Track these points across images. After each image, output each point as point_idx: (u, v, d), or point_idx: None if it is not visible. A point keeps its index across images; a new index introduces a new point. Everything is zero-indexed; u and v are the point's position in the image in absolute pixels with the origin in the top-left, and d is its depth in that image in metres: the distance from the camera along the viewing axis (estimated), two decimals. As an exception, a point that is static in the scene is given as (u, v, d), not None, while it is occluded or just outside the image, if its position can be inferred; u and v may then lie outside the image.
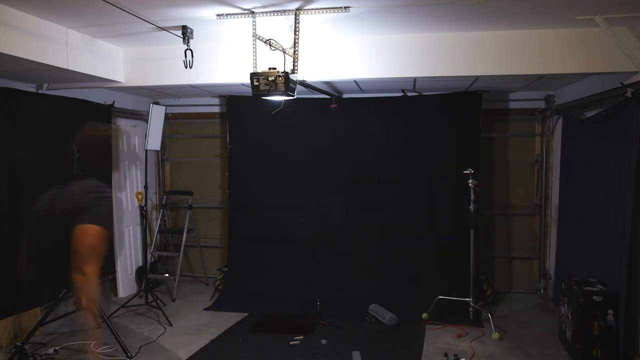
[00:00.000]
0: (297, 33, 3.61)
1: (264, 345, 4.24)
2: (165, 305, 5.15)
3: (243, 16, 3.51)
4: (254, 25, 3.59)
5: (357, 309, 5.00)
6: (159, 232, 6.21)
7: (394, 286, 5.31)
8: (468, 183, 4.65)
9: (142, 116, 6.10)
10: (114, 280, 5.65)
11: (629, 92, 3.57)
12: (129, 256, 5.79)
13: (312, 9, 3.38)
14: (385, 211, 5.52)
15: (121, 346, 4.02)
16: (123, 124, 5.79)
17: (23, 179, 4.31)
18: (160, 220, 6.19)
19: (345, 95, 5.92)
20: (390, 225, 5.51)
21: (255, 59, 3.77)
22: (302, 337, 4.37)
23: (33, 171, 4.40)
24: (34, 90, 4.68)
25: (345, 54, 4.22)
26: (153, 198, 6.45)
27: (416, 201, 5.45)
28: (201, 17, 3.56)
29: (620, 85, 3.72)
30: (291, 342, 4.26)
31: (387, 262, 5.43)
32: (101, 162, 5.22)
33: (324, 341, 4.31)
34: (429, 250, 5.39)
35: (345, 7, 3.29)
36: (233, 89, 5.46)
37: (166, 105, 5.64)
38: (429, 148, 5.43)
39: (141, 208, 5.67)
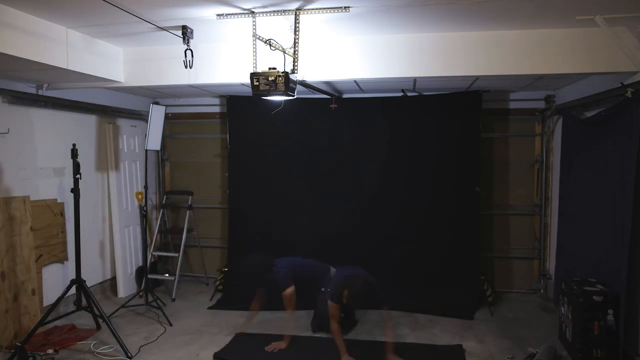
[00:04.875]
0: (297, 33, 3.61)
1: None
2: (165, 305, 5.15)
3: (243, 16, 3.51)
4: (254, 25, 3.59)
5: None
6: (159, 232, 6.21)
7: (396, 286, 5.30)
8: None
9: (142, 116, 6.11)
10: (114, 280, 5.65)
11: (629, 92, 3.57)
12: (129, 256, 5.79)
13: (312, 9, 3.38)
14: (385, 210, 5.52)
15: (121, 346, 4.02)
16: (123, 124, 5.79)
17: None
18: (160, 220, 6.19)
19: (345, 95, 5.91)
20: (390, 224, 5.50)
21: (255, 59, 3.77)
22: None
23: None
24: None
25: (345, 54, 4.21)
26: (153, 198, 6.45)
27: (416, 201, 5.45)
28: (201, 17, 3.56)
29: (620, 85, 3.72)
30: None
31: (387, 262, 5.42)
32: None
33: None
34: (430, 249, 5.38)
35: (345, 7, 3.29)
36: (233, 89, 5.46)
37: (166, 105, 5.64)
38: (430, 148, 5.43)
39: (141, 208, 5.67)
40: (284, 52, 3.69)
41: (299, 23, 3.54)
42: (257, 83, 3.49)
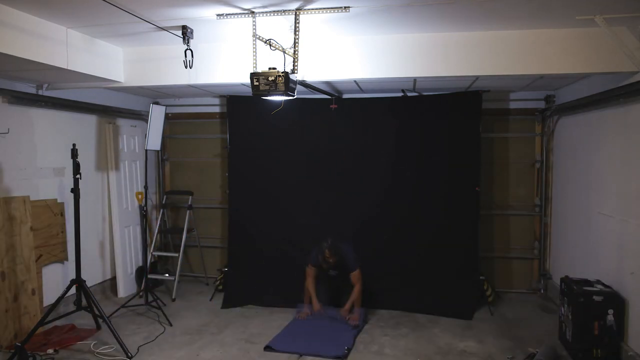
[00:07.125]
0: (297, 33, 3.61)
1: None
2: (165, 305, 5.15)
3: (243, 16, 3.51)
4: (254, 25, 3.59)
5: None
6: (159, 232, 6.21)
7: (398, 288, 5.30)
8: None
9: (142, 116, 6.11)
10: (114, 280, 5.65)
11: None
12: (129, 256, 5.79)
13: (312, 9, 3.38)
14: (385, 210, 5.51)
15: (121, 346, 4.02)
16: (123, 124, 5.80)
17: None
18: (160, 220, 6.19)
19: (345, 95, 5.91)
20: (389, 224, 5.50)
21: (255, 59, 3.77)
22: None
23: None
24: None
25: (345, 54, 4.21)
26: (153, 198, 6.45)
27: (416, 200, 5.44)
28: (201, 17, 3.56)
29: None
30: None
31: (386, 261, 5.42)
32: None
33: None
34: (430, 249, 5.37)
35: (345, 7, 3.29)
36: (233, 89, 5.46)
37: (166, 105, 5.64)
38: (429, 148, 5.42)
39: (141, 208, 5.67)
40: (284, 52, 3.69)
41: (299, 23, 3.54)
42: (257, 83, 3.49)
